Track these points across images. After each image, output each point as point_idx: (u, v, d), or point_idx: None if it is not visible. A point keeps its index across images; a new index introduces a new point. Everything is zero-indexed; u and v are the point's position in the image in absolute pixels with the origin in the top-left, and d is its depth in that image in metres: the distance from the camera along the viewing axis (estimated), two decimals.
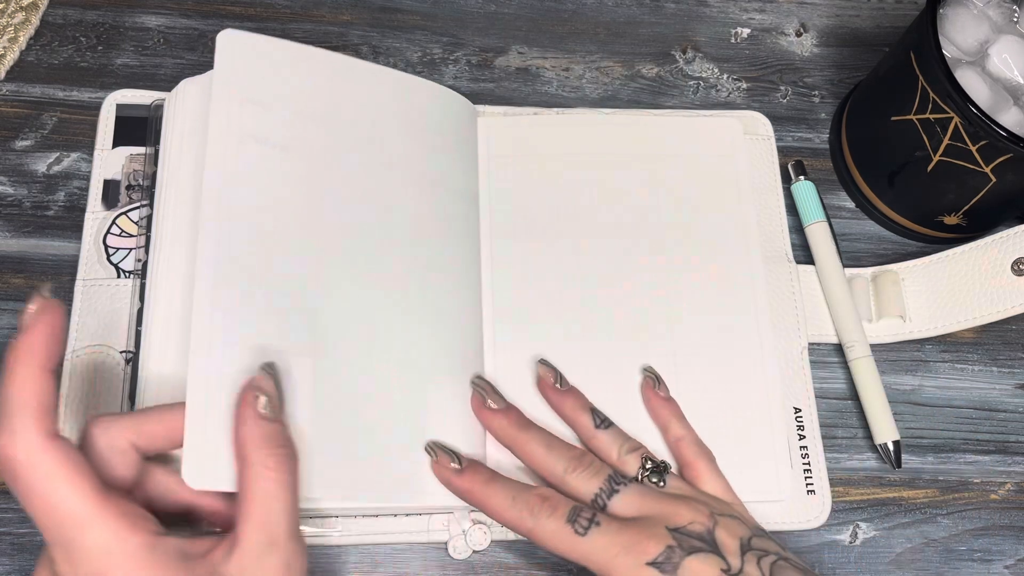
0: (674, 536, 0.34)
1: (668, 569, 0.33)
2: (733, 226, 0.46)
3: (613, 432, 0.39)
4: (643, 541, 0.34)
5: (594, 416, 0.40)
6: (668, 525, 0.35)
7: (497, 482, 0.37)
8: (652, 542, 0.34)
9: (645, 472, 0.38)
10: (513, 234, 0.45)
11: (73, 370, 0.41)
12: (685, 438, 0.40)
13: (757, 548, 0.35)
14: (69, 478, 0.29)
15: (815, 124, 0.52)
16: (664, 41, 0.53)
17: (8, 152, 0.46)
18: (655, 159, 0.47)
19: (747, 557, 0.34)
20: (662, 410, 0.41)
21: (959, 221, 0.47)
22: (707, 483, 0.39)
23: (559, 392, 0.41)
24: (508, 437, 0.39)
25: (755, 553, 0.35)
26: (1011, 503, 0.44)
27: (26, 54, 0.48)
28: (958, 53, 0.43)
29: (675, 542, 0.34)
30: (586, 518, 0.35)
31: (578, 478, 0.37)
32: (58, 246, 0.44)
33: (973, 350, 0.47)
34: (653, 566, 0.34)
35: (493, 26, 0.52)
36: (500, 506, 0.36)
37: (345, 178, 0.41)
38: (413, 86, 0.45)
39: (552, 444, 0.38)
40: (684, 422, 0.41)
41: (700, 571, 0.34)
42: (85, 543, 0.29)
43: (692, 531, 0.35)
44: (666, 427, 0.41)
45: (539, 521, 0.35)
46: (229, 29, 0.41)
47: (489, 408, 0.40)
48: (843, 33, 0.54)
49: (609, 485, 0.37)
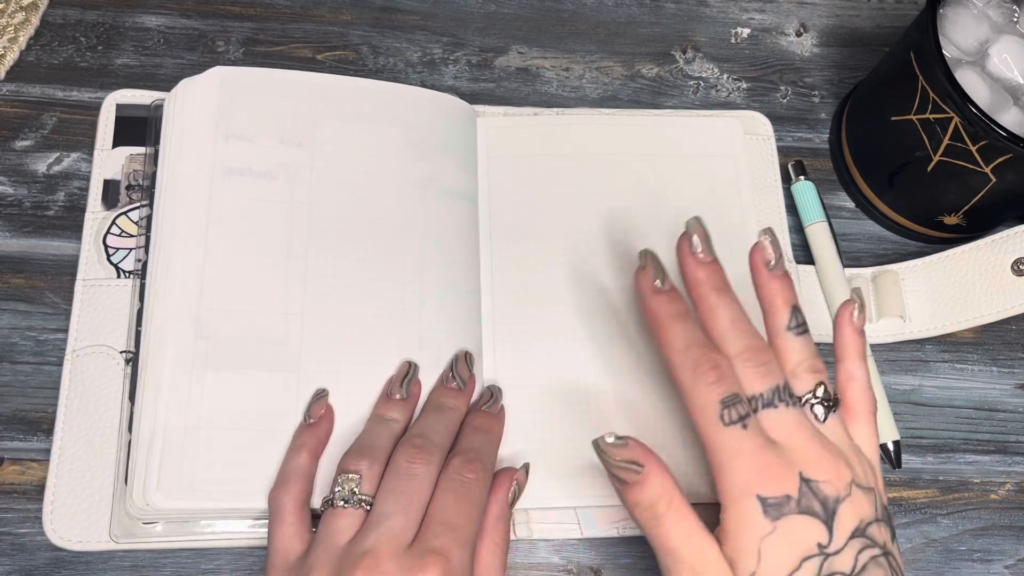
0: (802, 487, 0.32)
1: (773, 514, 0.32)
2: (733, 226, 0.46)
3: (804, 340, 0.36)
4: (773, 473, 0.32)
5: (793, 315, 0.36)
6: (804, 473, 0.32)
7: (685, 321, 0.35)
8: (778, 481, 0.32)
9: (815, 399, 0.35)
10: (513, 234, 0.45)
11: (73, 370, 0.41)
12: (857, 378, 0.37)
13: (869, 536, 0.32)
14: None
15: (815, 124, 0.52)
16: (664, 41, 0.53)
17: (8, 152, 0.46)
18: (655, 159, 0.47)
19: (852, 542, 0.32)
20: (851, 339, 0.37)
21: (959, 221, 0.47)
22: (858, 432, 0.36)
23: (770, 274, 0.36)
24: (699, 293, 0.36)
25: (863, 541, 0.32)
26: (1011, 503, 0.44)
27: (26, 54, 0.48)
28: (958, 53, 0.43)
29: (798, 494, 0.32)
30: (738, 412, 0.33)
31: (747, 367, 0.34)
32: (58, 246, 0.44)
33: (973, 350, 0.47)
34: (760, 501, 0.32)
35: (493, 26, 0.52)
36: (672, 345, 0.35)
37: (335, 195, 0.42)
38: (403, 94, 0.45)
39: (738, 321, 0.35)
40: (863, 362, 0.37)
41: (800, 532, 0.31)
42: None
43: (821, 491, 0.32)
44: (844, 358, 0.37)
45: (698, 383, 0.33)
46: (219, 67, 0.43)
47: (696, 257, 0.36)
48: (843, 33, 0.54)
49: (772, 395, 0.34)
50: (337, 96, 0.44)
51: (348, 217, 0.42)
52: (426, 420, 0.38)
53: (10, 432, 0.41)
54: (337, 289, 0.41)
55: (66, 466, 0.39)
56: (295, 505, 0.36)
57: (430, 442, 0.36)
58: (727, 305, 0.36)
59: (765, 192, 0.48)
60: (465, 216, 0.44)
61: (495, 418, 0.40)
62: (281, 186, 0.42)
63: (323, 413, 0.38)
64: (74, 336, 0.41)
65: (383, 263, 0.42)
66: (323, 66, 0.50)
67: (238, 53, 0.50)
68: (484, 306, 0.43)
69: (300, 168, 0.42)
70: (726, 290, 0.36)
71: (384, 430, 0.37)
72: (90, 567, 0.39)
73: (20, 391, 0.42)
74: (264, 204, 0.41)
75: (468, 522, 0.34)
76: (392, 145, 0.44)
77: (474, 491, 0.35)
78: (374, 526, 0.33)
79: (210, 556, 0.39)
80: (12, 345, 0.42)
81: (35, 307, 0.43)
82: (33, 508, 0.40)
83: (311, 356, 0.39)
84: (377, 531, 0.33)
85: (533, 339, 0.43)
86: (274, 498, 0.36)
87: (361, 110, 0.44)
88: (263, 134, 0.42)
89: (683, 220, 0.46)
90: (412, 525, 0.34)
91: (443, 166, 0.44)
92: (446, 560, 0.33)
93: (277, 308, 0.40)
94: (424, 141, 0.44)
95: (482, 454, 0.37)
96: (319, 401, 0.39)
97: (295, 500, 0.36)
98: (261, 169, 0.42)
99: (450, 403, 0.39)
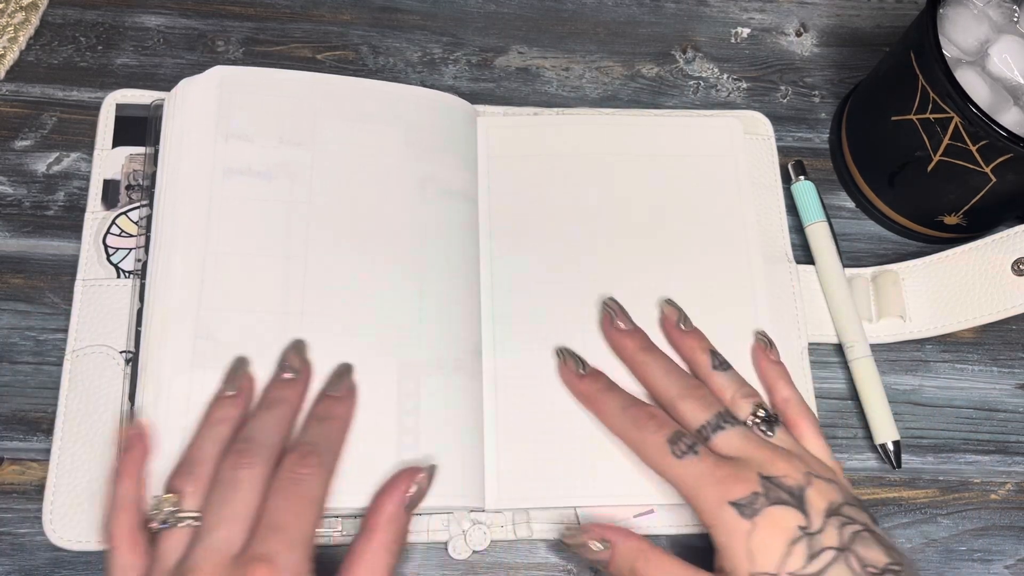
0: (764, 483, 0.35)
1: (748, 513, 0.34)
2: (733, 226, 0.46)
3: (731, 375, 0.40)
4: (732, 480, 0.35)
5: (713, 357, 0.40)
6: (762, 472, 0.35)
7: (614, 391, 0.40)
8: (741, 484, 0.35)
9: (756, 420, 0.38)
10: (513, 234, 0.45)
11: (73, 370, 0.41)
12: (792, 399, 0.40)
13: (845, 515, 0.35)
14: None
15: (815, 124, 0.52)
16: (664, 41, 0.53)
17: (8, 152, 0.46)
18: (655, 159, 0.47)
19: (831, 520, 0.34)
20: (771, 371, 0.42)
21: (959, 221, 0.47)
22: (810, 444, 0.39)
23: (681, 332, 0.42)
24: (630, 357, 0.41)
25: (841, 519, 0.34)
26: (1011, 503, 0.44)
27: (26, 54, 0.48)
28: (958, 53, 0.43)
29: (763, 489, 0.34)
30: (686, 443, 0.36)
31: (689, 406, 0.38)
32: (58, 246, 0.44)
33: (973, 350, 0.47)
34: (734, 506, 0.34)
35: (493, 26, 0.52)
36: (611, 413, 0.39)
37: (335, 195, 0.42)
38: (403, 94, 0.45)
39: (671, 370, 0.40)
40: (792, 385, 0.41)
41: (779, 521, 0.34)
42: None
43: (783, 483, 0.35)
44: (773, 388, 0.41)
45: (643, 434, 0.37)
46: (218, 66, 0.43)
47: (618, 328, 0.42)
48: (843, 33, 0.54)
49: (717, 420, 0.37)
50: (337, 96, 0.44)
51: (348, 217, 0.42)
52: (253, 420, 0.36)
53: (10, 432, 0.41)
54: (337, 289, 0.41)
55: (66, 466, 0.39)
56: (125, 532, 0.34)
57: (255, 443, 0.35)
58: (656, 359, 0.40)
59: (765, 192, 0.48)
60: (465, 216, 0.44)
61: (340, 402, 0.38)
62: (281, 186, 0.42)
63: (137, 436, 0.37)
64: (74, 336, 0.41)
65: (383, 263, 0.42)
66: (323, 66, 0.50)
67: (238, 53, 0.50)
68: (484, 305, 0.43)
69: (300, 168, 0.42)
70: (652, 348, 0.41)
71: (210, 438, 0.36)
72: (90, 567, 0.39)
73: (20, 391, 0.42)
74: (264, 204, 0.41)
75: (298, 520, 0.33)
76: (392, 145, 0.44)
77: (307, 487, 0.34)
78: (198, 542, 0.33)
79: None
80: (12, 345, 0.42)
81: (35, 307, 0.43)
82: (33, 508, 0.40)
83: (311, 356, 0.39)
84: (200, 547, 0.32)
85: (533, 338, 0.43)
86: (105, 528, 0.35)
87: (361, 110, 0.44)
88: (263, 134, 0.42)
89: (683, 220, 0.46)
90: (238, 534, 0.33)
91: (443, 166, 0.44)
92: (270, 564, 0.31)
93: (277, 308, 0.40)
94: (424, 141, 0.44)
95: (319, 446, 0.35)
96: (132, 427, 0.37)
97: (124, 527, 0.34)
98: (261, 169, 0.42)
99: (281, 396, 0.37)
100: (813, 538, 0.33)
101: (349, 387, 0.39)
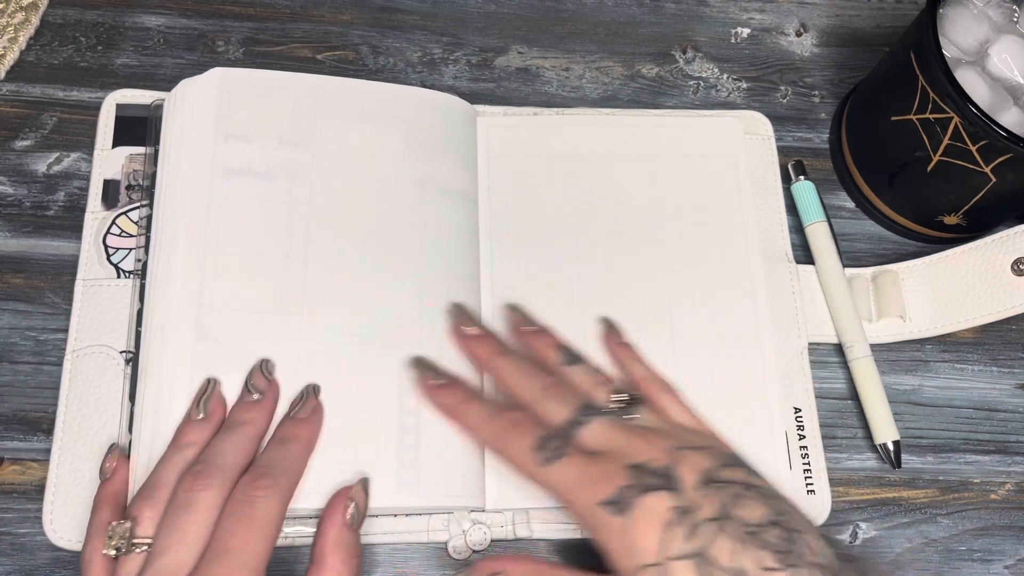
0: (632, 473, 0.34)
1: (621, 509, 0.33)
2: (733, 226, 0.46)
3: (585, 367, 0.39)
4: (602, 480, 0.34)
5: (564, 353, 0.40)
6: (628, 462, 0.34)
7: (476, 401, 0.38)
8: (609, 481, 0.34)
9: (619, 404, 0.38)
10: (513, 234, 0.45)
11: (73, 370, 0.41)
12: (647, 376, 0.40)
13: (720, 480, 0.34)
14: None
15: (815, 124, 0.52)
16: (664, 41, 0.53)
17: (8, 152, 0.46)
18: (655, 159, 0.47)
19: (705, 491, 0.33)
20: (621, 353, 0.42)
21: (959, 221, 0.47)
22: (675, 416, 0.39)
23: (528, 333, 0.41)
24: (485, 362, 0.40)
25: (716, 486, 0.33)
26: (1011, 503, 0.44)
27: (26, 54, 0.48)
28: (958, 53, 0.43)
29: (632, 481, 0.33)
30: (553, 448, 0.35)
31: (550, 404, 0.37)
32: (58, 246, 0.44)
33: (973, 350, 0.47)
34: (606, 506, 0.33)
35: (493, 26, 0.52)
36: (475, 424, 0.38)
37: (335, 196, 0.42)
38: (403, 95, 0.45)
39: (528, 370, 0.39)
40: (643, 362, 0.41)
41: (651, 509, 0.33)
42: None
43: (650, 467, 0.34)
44: (628, 368, 0.41)
45: (509, 444, 0.36)
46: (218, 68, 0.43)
47: (466, 334, 0.40)
48: (843, 33, 0.54)
49: (578, 415, 0.36)
50: (336, 97, 0.44)
51: (348, 217, 0.42)
52: (215, 442, 0.36)
53: (10, 432, 0.41)
54: (337, 289, 0.41)
55: (66, 466, 0.39)
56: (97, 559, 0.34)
57: (212, 466, 0.34)
58: (511, 361, 0.39)
59: (765, 192, 0.48)
60: (465, 216, 0.44)
61: (303, 423, 0.38)
62: (281, 186, 0.42)
63: (115, 467, 0.37)
64: (74, 336, 0.41)
65: (383, 263, 0.42)
66: (323, 66, 0.50)
67: (238, 53, 0.50)
68: (484, 305, 0.43)
69: (300, 168, 0.42)
70: (505, 351, 0.40)
71: (174, 462, 0.35)
72: None
73: (20, 391, 0.42)
74: (264, 204, 0.41)
75: (247, 544, 0.32)
76: (392, 145, 0.44)
77: (259, 509, 0.33)
78: (148, 566, 0.32)
79: None
80: (12, 345, 0.42)
81: (35, 307, 0.43)
82: (33, 508, 0.40)
83: (310, 358, 0.39)
84: (150, 570, 0.32)
85: None
86: (82, 555, 0.35)
87: (360, 110, 0.44)
88: (263, 134, 0.42)
89: (683, 220, 0.46)
90: (188, 557, 0.32)
91: (443, 166, 0.44)
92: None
93: (277, 308, 0.40)
94: (424, 141, 0.44)
95: (274, 468, 0.35)
96: (109, 457, 0.38)
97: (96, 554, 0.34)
98: (261, 169, 0.42)
99: (244, 418, 0.37)
100: (689, 515, 0.32)
101: (314, 408, 0.38)
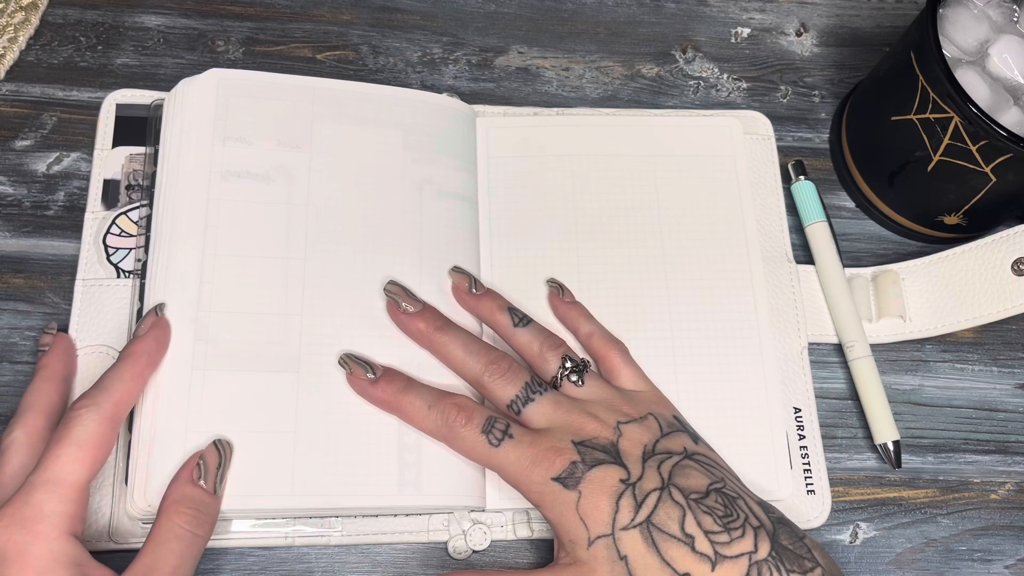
0: (579, 450, 0.35)
1: (572, 483, 0.34)
2: (733, 226, 0.46)
3: (533, 329, 0.40)
4: (550, 456, 0.35)
5: (512, 315, 0.40)
6: (574, 438, 0.35)
7: (413, 390, 0.38)
8: (559, 457, 0.35)
9: (565, 371, 0.38)
10: (513, 234, 0.45)
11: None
12: (595, 333, 0.41)
13: (661, 452, 0.35)
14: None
15: (815, 124, 0.52)
16: (664, 41, 0.53)
17: (8, 152, 0.46)
18: (655, 159, 0.47)
19: (649, 463, 0.35)
20: (569, 312, 0.42)
21: (959, 221, 0.47)
22: (621, 374, 0.39)
23: (474, 296, 0.41)
24: (426, 340, 0.39)
25: (658, 458, 0.35)
26: (1011, 503, 0.44)
27: (26, 54, 0.48)
28: (958, 53, 0.43)
29: (579, 456, 0.35)
30: (499, 429, 0.36)
31: (495, 382, 0.37)
32: (58, 246, 0.44)
33: (973, 350, 0.47)
34: (558, 481, 0.34)
35: (493, 26, 0.52)
36: (417, 415, 0.37)
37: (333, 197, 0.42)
38: (402, 97, 0.45)
39: (470, 346, 0.38)
40: (591, 319, 0.41)
41: (601, 481, 0.34)
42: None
43: (597, 443, 0.35)
44: (575, 327, 0.41)
45: (454, 430, 0.36)
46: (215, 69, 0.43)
47: (405, 312, 0.40)
48: (843, 33, 0.54)
49: (525, 392, 0.37)
50: (334, 99, 0.44)
51: (346, 219, 0.42)
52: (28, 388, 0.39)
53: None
54: (336, 290, 0.41)
55: None
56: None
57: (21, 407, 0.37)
58: (453, 336, 0.39)
59: (765, 192, 0.48)
60: (464, 217, 0.44)
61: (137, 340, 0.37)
62: (279, 188, 0.42)
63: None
64: (74, 336, 0.41)
65: (382, 265, 0.42)
66: (323, 66, 0.50)
67: (238, 53, 0.50)
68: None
69: (298, 170, 0.42)
70: (448, 325, 0.39)
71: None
72: None
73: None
74: (263, 206, 0.41)
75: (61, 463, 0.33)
76: (390, 147, 0.44)
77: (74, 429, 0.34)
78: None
79: (210, 556, 0.39)
80: (12, 345, 0.42)
81: (35, 307, 0.43)
82: None
83: (310, 358, 0.39)
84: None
85: None
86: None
87: (359, 113, 0.44)
88: (261, 136, 0.42)
89: (683, 220, 0.46)
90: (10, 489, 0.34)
91: (441, 168, 0.44)
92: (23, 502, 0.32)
93: (276, 309, 0.40)
94: (422, 143, 0.44)
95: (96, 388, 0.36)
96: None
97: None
98: (259, 171, 0.42)
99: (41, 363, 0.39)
100: (636, 486, 0.34)
101: (152, 323, 0.38)
